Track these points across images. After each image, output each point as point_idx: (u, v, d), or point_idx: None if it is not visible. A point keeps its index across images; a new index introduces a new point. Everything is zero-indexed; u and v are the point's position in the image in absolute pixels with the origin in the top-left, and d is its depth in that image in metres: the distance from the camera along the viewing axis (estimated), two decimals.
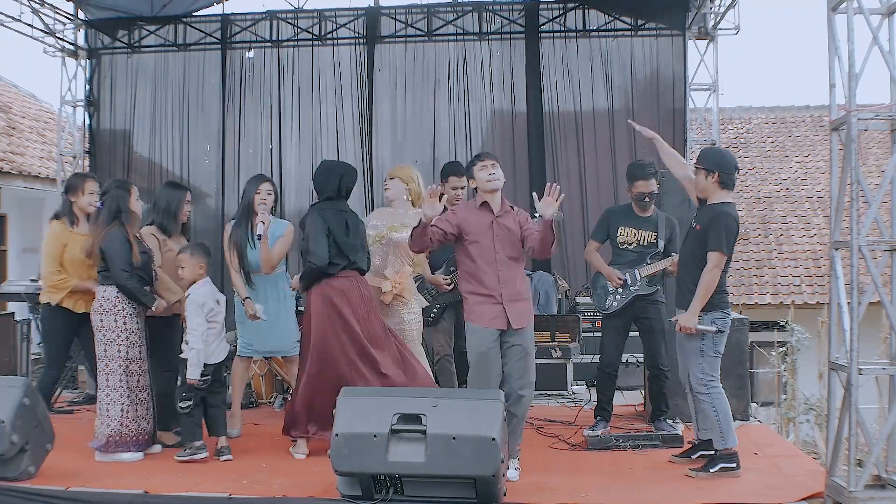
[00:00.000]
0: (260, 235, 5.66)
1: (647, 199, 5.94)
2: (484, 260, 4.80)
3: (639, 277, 5.95)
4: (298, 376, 5.35)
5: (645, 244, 6.01)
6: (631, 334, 6.18)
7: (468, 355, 4.91)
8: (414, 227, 4.80)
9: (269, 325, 5.85)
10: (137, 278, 5.26)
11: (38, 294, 6.72)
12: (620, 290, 5.98)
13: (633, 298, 5.97)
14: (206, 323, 5.17)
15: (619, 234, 6.04)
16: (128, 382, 5.22)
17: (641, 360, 6.72)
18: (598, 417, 6.09)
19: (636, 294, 5.95)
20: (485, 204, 4.86)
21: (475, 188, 4.92)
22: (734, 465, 4.86)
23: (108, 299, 5.22)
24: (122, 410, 5.18)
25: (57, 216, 5.81)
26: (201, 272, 5.27)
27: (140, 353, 5.30)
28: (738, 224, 4.89)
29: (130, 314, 5.24)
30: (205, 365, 5.15)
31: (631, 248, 6.03)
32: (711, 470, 4.84)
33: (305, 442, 5.33)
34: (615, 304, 6.02)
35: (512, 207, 4.94)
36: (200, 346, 5.11)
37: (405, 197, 5.68)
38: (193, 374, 5.10)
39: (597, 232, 6.19)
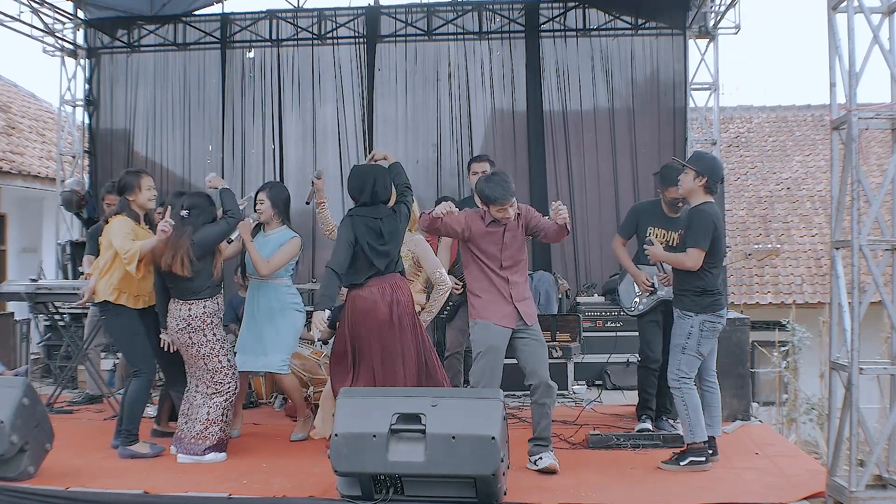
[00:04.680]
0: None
1: (680, 205, 5.83)
2: (493, 265, 4.91)
3: None
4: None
5: (675, 245, 5.86)
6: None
7: (474, 350, 4.91)
8: (427, 213, 4.91)
9: (256, 344, 5.73)
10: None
11: (38, 293, 6.70)
12: (648, 293, 5.93)
13: (659, 301, 5.90)
14: None
15: (648, 235, 5.93)
16: (227, 388, 5.31)
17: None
18: (644, 416, 6.02)
19: (663, 299, 5.85)
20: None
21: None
22: (703, 458, 4.96)
23: (196, 317, 5.21)
24: (222, 414, 5.29)
25: (119, 213, 5.57)
26: None
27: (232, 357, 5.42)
28: (714, 219, 4.92)
29: (218, 324, 5.30)
30: None
31: None
32: (681, 463, 4.96)
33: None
34: (641, 306, 5.98)
35: (518, 214, 4.94)
36: None
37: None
38: None
39: (624, 228, 6.12)
